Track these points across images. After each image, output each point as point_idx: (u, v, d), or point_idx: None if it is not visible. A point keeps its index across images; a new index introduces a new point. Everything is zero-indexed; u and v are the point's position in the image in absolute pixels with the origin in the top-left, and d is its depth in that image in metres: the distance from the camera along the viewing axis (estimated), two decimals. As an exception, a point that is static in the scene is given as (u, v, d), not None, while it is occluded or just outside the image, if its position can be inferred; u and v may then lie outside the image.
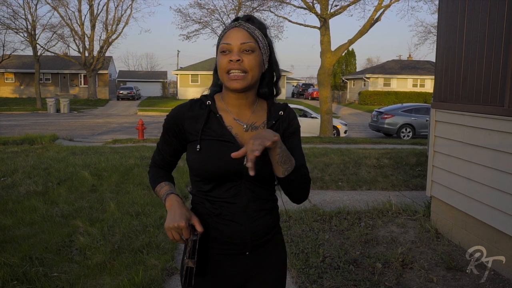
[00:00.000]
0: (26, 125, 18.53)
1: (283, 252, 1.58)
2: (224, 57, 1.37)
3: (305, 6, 15.86)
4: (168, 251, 3.85)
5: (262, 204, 1.44)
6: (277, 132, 1.43)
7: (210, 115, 1.42)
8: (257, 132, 1.40)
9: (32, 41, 30.74)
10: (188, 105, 1.44)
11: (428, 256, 3.86)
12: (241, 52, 1.36)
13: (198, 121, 1.41)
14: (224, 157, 1.35)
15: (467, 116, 4.01)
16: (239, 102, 1.44)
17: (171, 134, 1.47)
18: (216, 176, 1.37)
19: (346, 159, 8.79)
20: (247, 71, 1.36)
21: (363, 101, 37.85)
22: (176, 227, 1.29)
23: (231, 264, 1.45)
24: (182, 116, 1.43)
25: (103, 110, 30.51)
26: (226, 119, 1.42)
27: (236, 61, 1.34)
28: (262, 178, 1.41)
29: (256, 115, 1.46)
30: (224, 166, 1.36)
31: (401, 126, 16.56)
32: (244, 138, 1.41)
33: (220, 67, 1.38)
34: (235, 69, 1.35)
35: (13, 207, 5.13)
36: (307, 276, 3.40)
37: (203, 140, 1.39)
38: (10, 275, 3.27)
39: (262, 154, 1.34)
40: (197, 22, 24.27)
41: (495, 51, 3.61)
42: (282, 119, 1.49)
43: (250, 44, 1.36)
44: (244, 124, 1.43)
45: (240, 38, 1.36)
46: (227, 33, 1.38)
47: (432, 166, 4.66)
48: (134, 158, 8.48)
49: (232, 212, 1.40)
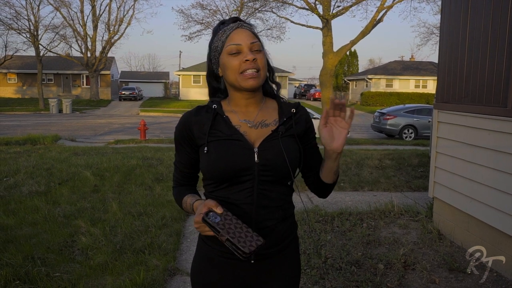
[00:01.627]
0: (28, 125, 18.57)
1: (295, 266, 1.50)
2: (235, 58, 1.36)
3: (307, 7, 15.88)
4: (170, 252, 3.85)
5: (273, 212, 1.40)
6: (290, 131, 1.43)
7: (216, 117, 1.42)
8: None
9: (35, 41, 30.81)
10: (195, 111, 1.45)
11: (430, 257, 3.85)
12: (252, 51, 1.36)
13: (205, 125, 1.41)
14: (233, 154, 1.35)
15: (470, 117, 4.00)
16: (247, 101, 1.44)
17: (183, 142, 1.46)
18: (226, 175, 1.36)
19: (348, 160, 8.78)
20: (260, 69, 1.37)
21: (365, 102, 37.80)
22: (196, 223, 1.28)
23: (233, 269, 1.42)
24: (189, 122, 1.43)
25: (105, 110, 30.56)
26: (233, 120, 1.42)
27: (253, 60, 1.35)
28: (278, 175, 1.38)
29: (265, 113, 1.46)
30: (233, 163, 1.35)
31: (403, 127, 16.52)
32: (252, 135, 1.41)
33: (232, 68, 1.37)
34: (251, 68, 1.35)
35: (15, 207, 5.14)
36: (309, 277, 3.39)
37: (210, 142, 1.39)
38: (13, 275, 3.28)
39: (274, 146, 1.37)
40: (199, 23, 24.33)
41: (498, 52, 3.60)
42: (296, 117, 1.47)
43: (258, 43, 1.38)
44: (250, 122, 1.43)
45: (248, 38, 1.37)
46: (232, 34, 1.37)
47: (434, 167, 4.65)
48: (136, 159, 8.49)
49: (238, 216, 1.35)
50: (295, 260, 1.51)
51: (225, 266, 1.42)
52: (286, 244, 1.46)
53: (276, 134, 1.40)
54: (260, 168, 1.36)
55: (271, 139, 1.39)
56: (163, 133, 16.66)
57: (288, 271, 1.47)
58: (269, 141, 1.39)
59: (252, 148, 1.37)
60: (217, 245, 1.41)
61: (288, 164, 1.37)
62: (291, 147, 1.41)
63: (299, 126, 1.46)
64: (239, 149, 1.36)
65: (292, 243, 1.50)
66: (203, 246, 1.48)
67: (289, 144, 1.41)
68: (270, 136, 1.40)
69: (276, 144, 1.38)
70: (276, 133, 1.40)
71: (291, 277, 1.48)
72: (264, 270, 1.43)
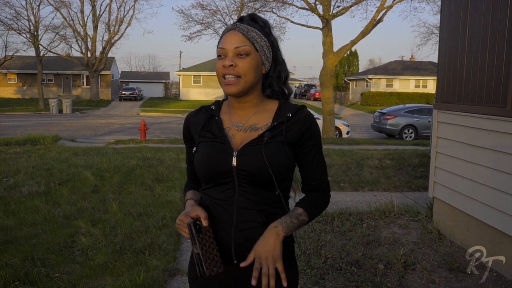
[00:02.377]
0: (28, 125, 18.58)
1: (288, 270, 1.38)
2: (219, 62, 1.38)
3: (308, 7, 15.86)
4: (170, 252, 3.85)
5: (255, 215, 1.35)
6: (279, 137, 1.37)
7: (211, 119, 1.45)
8: (254, 251, 1.31)
9: (35, 42, 30.84)
10: (195, 111, 1.50)
11: (431, 257, 3.84)
12: (235, 56, 1.35)
13: (199, 125, 1.45)
14: (213, 157, 1.37)
15: (470, 117, 4.00)
16: (240, 105, 1.44)
17: (186, 141, 1.53)
18: (207, 176, 1.39)
19: (348, 160, 8.77)
20: (241, 75, 1.35)
21: (365, 102, 37.79)
22: (177, 223, 1.35)
23: (225, 273, 1.37)
24: (189, 121, 1.50)
25: (106, 110, 30.57)
26: (225, 122, 1.44)
27: (229, 66, 1.34)
28: (258, 181, 1.34)
29: (259, 117, 1.42)
30: (212, 166, 1.37)
31: (404, 127, 16.53)
32: (238, 139, 1.39)
33: (217, 72, 1.40)
34: (228, 74, 1.35)
35: (15, 207, 5.14)
36: (309, 277, 3.39)
37: (200, 142, 1.43)
38: (12, 275, 3.28)
39: (254, 152, 1.35)
40: (199, 23, 24.29)
41: (497, 52, 3.60)
42: (289, 124, 1.38)
43: (244, 47, 1.35)
44: (239, 125, 1.42)
45: (234, 42, 1.35)
46: (223, 37, 1.38)
47: (434, 167, 4.65)
48: (136, 159, 8.49)
49: (221, 215, 1.37)
50: (286, 262, 1.39)
51: None
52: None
53: (261, 139, 1.36)
54: (239, 172, 1.34)
55: (254, 144, 1.35)
56: (163, 133, 16.67)
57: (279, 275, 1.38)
58: (252, 146, 1.35)
59: (231, 152, 1.36)
60: None
61: (271, 172, 1.32)
62: (277, 154, 1.34)
63: (292, 133, 1.38)
64: (220, 152, 1.37)
65: (285, 246, 1.39)
66: None
67: (275, 150, 1.34)
68: (253, 141, 1.36)
69: (258, 149, 1.34)
70: (262, 138, 1.36)
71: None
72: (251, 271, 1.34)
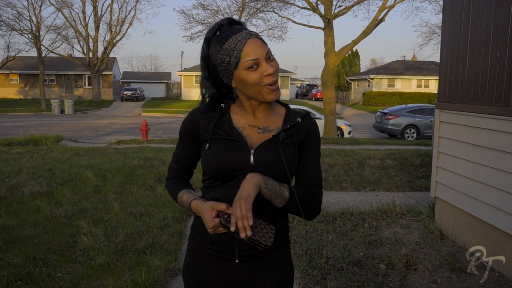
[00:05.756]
0: (30, 126, 18.62)
1: (284, 268, 1.50)
2: (254, 73, 1.33)
3: (309, 7, 15.86)
4: (172, 252, 3.85)
5: (260, 214, 1.37)
6: (291, 138, 1.42)
7: (222, 117, 1.44)
8: (238, 193, 1.31)
9: (37, 42, 30.90)
10: (202, 109, 1.47)
11: (432, 258, 3.84)
12: (267, 61, 1.35)
13: (210, 123, 1.43)
14: (229, 155, 1.38)
15: (472, 116, 3.99)
16: (258, 108, 1.45)
17: (188, 137, 1.49)
18: (221, 173, 1.39)
19: (350, 160, 8.76)
20: (277, 78, 1.38)
21: (367, 102, 37.77)
22: (211, 228, 1.33)
23: (220, 268, 1.44)
24: (197, 118, 1.46)
25: (107, 111, 30.60)
26: (239, 122, 1.44)
27: (274, 73, 1.35)
28: (273, 177, 1.38)
29: (271, 120, 1.47)
30: (230, 163, 1.37)
31: (406, 127, 16.51)
32: (254, 139, 1.42)
33: (253, 83, 1.34)
34: (273, 81, 1.35)
35: (17, 207, 5.15)
36: (311, 277, 3.39)
37: (212, 139, 1.41)
38: (14, 275, 3.28)
39: (271, 150, 1.38)
40: (200, 23, 24.28)
41: (500, 51, 3.59)
42: (299, 127, 1.45)
43: (269, 50, 1.37)
44: (255, 126, 1.44)
45: (260, 49, 1.34)
46: (245, 49, 1.32)
47: (436, 167, 4.64)
48: (138, 159, 8.49)
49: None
50: (284, 262, 1.50)
51: (213, 264, 1.45)
52: (273, 246, 1.44)
53: (276, 139, 1.41)
54: (255, 170, 1.36)
55: (269, 143, 1.40)
56: (165, 133, 16.68)
57: (276, 273, 1.47)
58: (268, 144, 1.40)
59: (249, 149, 1.39)
60: (205, 242, 1.45)
61: (287, 169, 1.38)
62: (289, 153, 1.41)
63: (300, 135, 1.45)
64: (236, 150, 1.38)
65: (281, 246, 1.49)
66: (192, 243, 1.51)
67: (288, 150, 1.41)
68: (269, 141, 1.41)
69: (274, 148, 1.39)
70: (276, 138, 1.41)
71: (280, 279, 1.48)
72: (250, 271, 1.44)
